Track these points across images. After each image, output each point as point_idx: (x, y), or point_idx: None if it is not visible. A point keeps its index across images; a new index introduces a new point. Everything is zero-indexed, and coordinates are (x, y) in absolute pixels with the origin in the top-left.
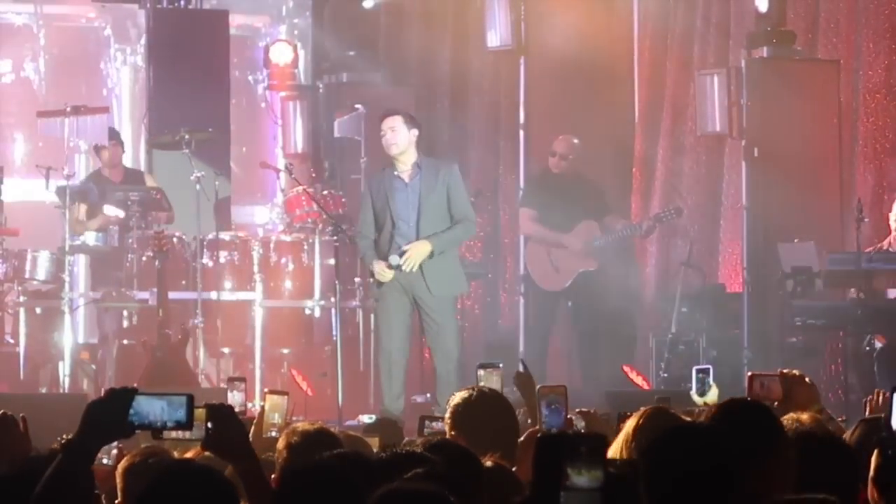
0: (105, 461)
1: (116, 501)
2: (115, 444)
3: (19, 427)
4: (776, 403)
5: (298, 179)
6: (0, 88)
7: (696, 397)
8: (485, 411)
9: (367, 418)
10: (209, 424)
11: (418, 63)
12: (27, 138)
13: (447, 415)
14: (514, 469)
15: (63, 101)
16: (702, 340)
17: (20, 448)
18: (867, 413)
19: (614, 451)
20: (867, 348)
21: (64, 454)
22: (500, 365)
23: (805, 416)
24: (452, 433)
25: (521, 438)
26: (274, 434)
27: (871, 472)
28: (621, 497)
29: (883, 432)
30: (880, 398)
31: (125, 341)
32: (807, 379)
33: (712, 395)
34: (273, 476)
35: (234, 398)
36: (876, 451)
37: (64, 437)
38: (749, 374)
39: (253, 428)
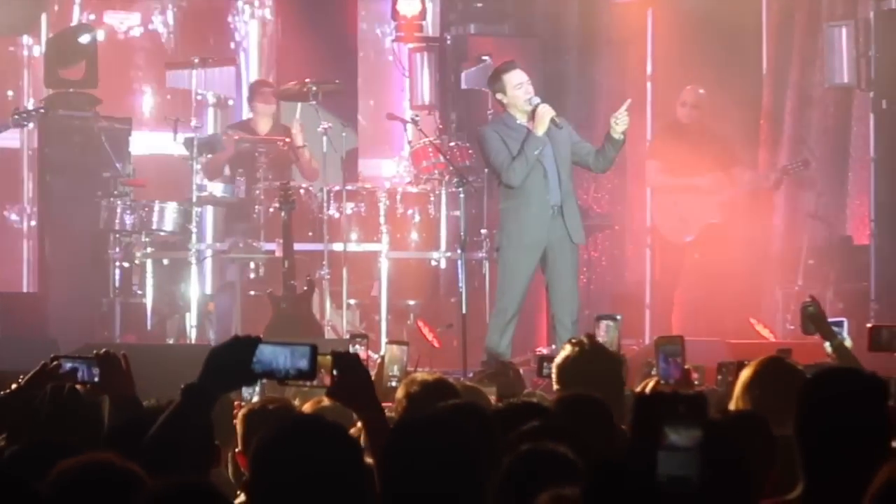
0: None
1: (236, 449)
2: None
3: (122, 365)
4: None
5: (425, 131)
6: (128, 42)
7: (828, 348)
8: (590, 366)
9: None
10: (335, 373)
11: (545, 14)
12: (155, 91)
13: (553, 371)
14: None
15: (191, 55)
16: (829, 293)
17: (123, 387)
18: None
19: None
20: None
21: (183, 397)
22: (619, 317)
23: None
24: (558, 388)
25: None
26: (394, 384)
27: None
28: (723, 452)
29: None
30: None
31: (251, 292)
32: None
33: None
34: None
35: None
36: None
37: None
38: (870, 325)
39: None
